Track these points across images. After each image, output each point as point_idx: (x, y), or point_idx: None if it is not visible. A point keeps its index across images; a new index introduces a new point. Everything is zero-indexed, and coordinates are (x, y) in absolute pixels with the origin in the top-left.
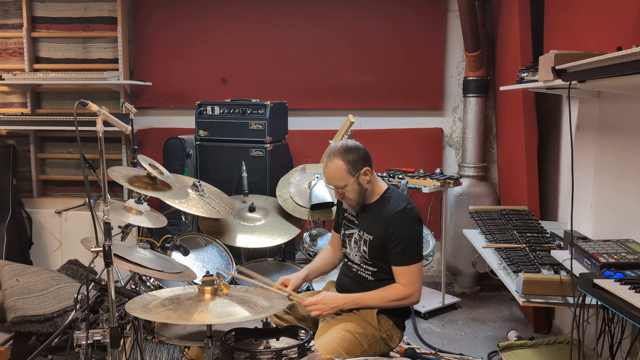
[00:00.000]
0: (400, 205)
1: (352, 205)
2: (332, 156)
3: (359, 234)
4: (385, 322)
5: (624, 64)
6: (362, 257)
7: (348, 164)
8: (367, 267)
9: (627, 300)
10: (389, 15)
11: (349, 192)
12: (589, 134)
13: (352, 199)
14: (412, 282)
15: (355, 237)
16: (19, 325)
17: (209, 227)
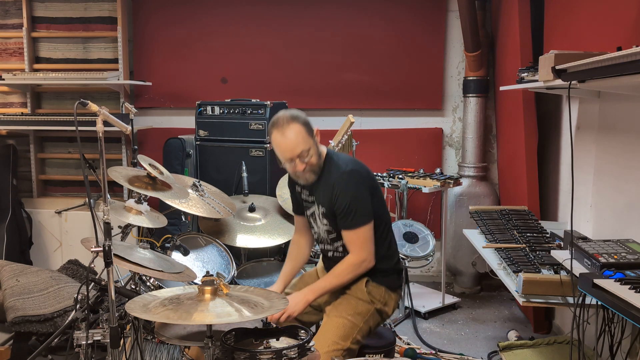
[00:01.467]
0: (340, 169)
1: (314, 172)
2: (285, 125)
3: (317, 208)
4: (376, 290)
5: (624, 64)
6: (327, 231)
7: (305, 126)
8: (335, 243)
9: (627, 300)
10: (389, 15)
11: (312, 156)
12: (589, 134)
13: (315, 164)
14: (362, 246)
15: (316, 214)
16: (19, 325)
17: (209, 227)
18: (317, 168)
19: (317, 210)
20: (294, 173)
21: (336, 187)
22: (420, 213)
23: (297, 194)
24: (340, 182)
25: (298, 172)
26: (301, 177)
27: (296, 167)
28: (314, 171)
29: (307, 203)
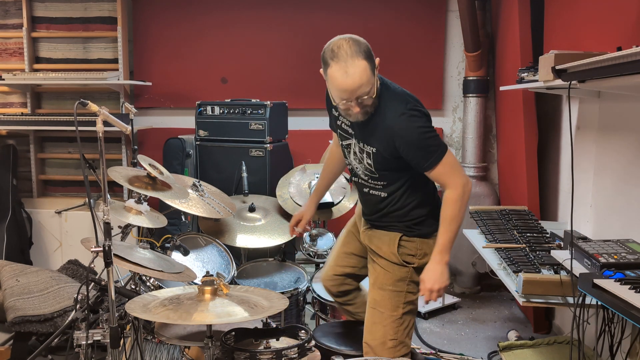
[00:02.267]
0: (396, 111)
1: (367, 113)
2: (349, 60)
3: (359, 146)
4: (410, 246)
5: (624, 64)
6: (367, 170)
7: (369, 62)
8: (376, 183)
9: (627, 300)
10: (388, 15)
11: (371, 97)
12: (589, 134)
13: (370, 105)
14: (454, 174)
15: (355, 149)
16: (19, 325)
17: (209, 227)
18: (370, 109)
19: (356, 147)
20: (345, 111)
21: (398, 134)
22: None
23: (334, 117)
24: (402, 128)
25: (351, 112)
26: (352, 116)
27: (351, 109)
28: (367, 112)
29: (345, 133)
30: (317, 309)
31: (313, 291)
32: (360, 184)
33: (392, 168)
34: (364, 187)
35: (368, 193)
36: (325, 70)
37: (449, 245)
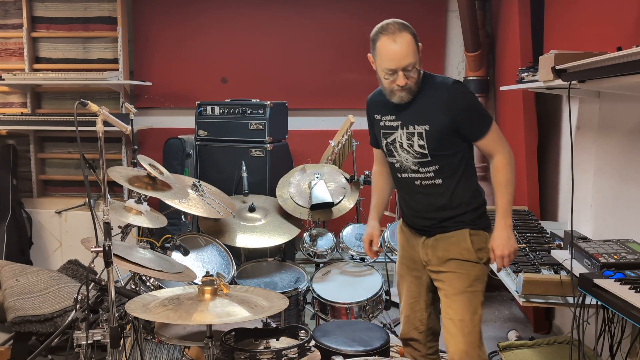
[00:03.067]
0: (446, 82)
1: (411, 91)
2: (397, 31)
3: (407, 131)
4: (478, 240)
5: (624, 64)
6: (419, 155)
7: (414, 37)
8: (428, 169)
9: (627, 300)
10: (389, 15)
11: (416, 72)
12: (589, 134)
13: (414, 83)
14: (502, 141)
15: (402, 139)
16: (19, 325)
17: (209, 227)
18: (415, 87)
19: (403, 136)
20: (391, 89)
21: (454, 101)
22: None
23: (376, 122)
24: (456, 94)
25: (396, 87)
26: (396, 95)
27: (397, 81)
28: (411, 90)
29: (389, 130)
30: (317, 309)
31: (313, 291)
32: (410, 180)
33: (445, 146)
34: (414, 181)
35: (421, 186)
36: (374, 47)
37: (509, 209)
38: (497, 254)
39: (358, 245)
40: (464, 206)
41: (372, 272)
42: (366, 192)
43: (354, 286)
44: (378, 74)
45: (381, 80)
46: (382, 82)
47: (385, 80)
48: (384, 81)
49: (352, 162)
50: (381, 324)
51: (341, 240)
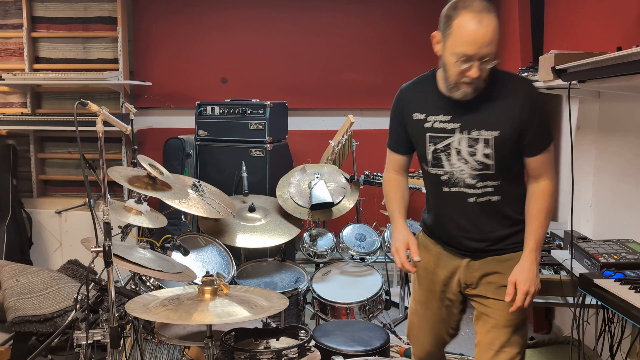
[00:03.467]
0: (522, 81)
1: (478, 86)
2: (483, 12)
3: (469, 137)
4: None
5: (624, 64)
6: (481, 166)
7: (497, 24)
8: (487, 183)
9: (627, 300)
10: (389, 15)
11: (492, 64)
12: (589, 134)
13: (485, 77)
14: (552, 167)
15: (460, 145)
16: (19, 325)
17: (209, 227)
18: (482, 83)
19: (462, 142)
20: (457, 81)
21: (532, 105)
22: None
23: (415, 122)
24: (534, 97)
25: (466, 79)
26: (461, 89)
27: (470, 71)
28: (478, 86)
29: (441, 134)
30: (317, 309)
31: (313, 291)
32: (461, 196)
33: (513, 157)
34: (467, 197)
35: (475, 203)
36: (448, 24)
37: (542, 242)
38: (522, 289)
39: (358, 245)
40: (519, 225)
41: (372, 272)
42: (366, 192)
43: (354, 286)
44: (444, 59)
45: (446, 68)
46: (448, 70)
47: (453, 69)
48: (452, 69)
49: (352, 162)
50: (381, 324)
51: (341, 240)
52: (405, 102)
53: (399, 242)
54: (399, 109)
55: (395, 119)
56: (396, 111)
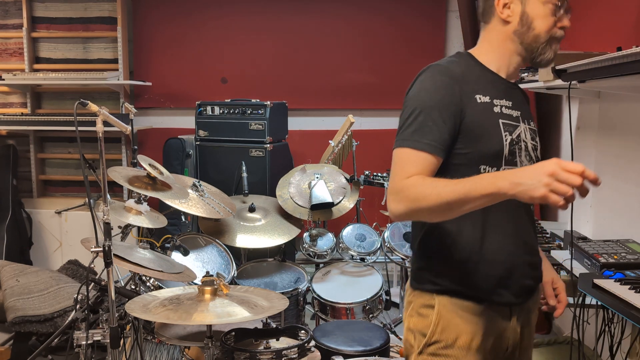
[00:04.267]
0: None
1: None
2: None
3: (530, 127)
4: None
5: (624, 64)
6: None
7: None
8: None
9: (627, 300)
10: (389, 15)
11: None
12: (589, 134)
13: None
14: None
15: (526, 136)
16: (19, 325)
17: (209, 227)
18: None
19: (527, 132)
20: (548, 36)
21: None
22: None
23: (479, 106)
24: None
25: (558, 32)
26: (553, 47)
27: (562, 20)
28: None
29: (510, 121)
30: (317, 309)
31: (313, 291)
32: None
33: None
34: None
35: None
36: None
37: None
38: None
39: (358, 245)
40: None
41: (372, 272)
42: (366, 192)
43: (354, 286)
44: (529, 15)
45: (533, 25)
46: (538, 26)
47: (544, 22)
48: (543, 23)
49: (352, 162)
50: (381, 324)
51: (341, 240)
52: (463, 80)
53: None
54: (452, 90)
55: (444, 104)
56: (448, 92)
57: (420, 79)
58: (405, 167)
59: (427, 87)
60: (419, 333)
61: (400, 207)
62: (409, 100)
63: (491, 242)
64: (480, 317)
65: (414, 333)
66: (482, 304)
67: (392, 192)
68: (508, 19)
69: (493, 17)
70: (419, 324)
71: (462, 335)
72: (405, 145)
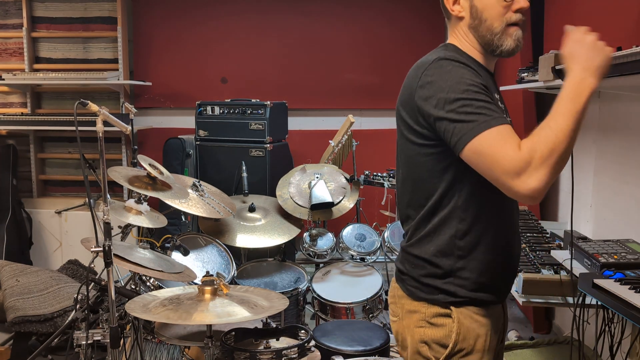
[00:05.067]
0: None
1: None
2: None
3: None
4: None
5: (624, 64)
6: None
7: None
8: None
9: (627, 300)
10: (389, 15)
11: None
12: (589, 134)
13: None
14: None
15: None
16: (19, 325)
17: (209, 227)
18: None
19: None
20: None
21: None
22: None
23: (496, 103)
24: None
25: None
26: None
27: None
28: (523, 32)
29: (507, 116)
30: (317, 309)
31: (313, 291)
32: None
33: None
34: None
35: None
36: None
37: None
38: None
39: (358, 245)
40: None
41: (372, 272)
42: (366, 192)
43: (354, 286)
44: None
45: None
46: (489, 13)
47: (495, 9)
48: (494, 10)
49: (352, 162)
50: (381, 323)
51: (341, 240)
52: (479, 75)
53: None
54: (479, 78)
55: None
56: (479, 80)
57: (442, 71)
58: (506, 142)
59: (457, 78)
60: (437, 344)
61: (541, 173)
62: (445, 96)
63: (512, 243)
64: (490, 318)
65: (429, 344)
66: (495, 305)
67: (519, 169)
68: (460, 14)
69: (450, 16)
70: (434, 335)
71: (479, 339)
72: (484, 129)
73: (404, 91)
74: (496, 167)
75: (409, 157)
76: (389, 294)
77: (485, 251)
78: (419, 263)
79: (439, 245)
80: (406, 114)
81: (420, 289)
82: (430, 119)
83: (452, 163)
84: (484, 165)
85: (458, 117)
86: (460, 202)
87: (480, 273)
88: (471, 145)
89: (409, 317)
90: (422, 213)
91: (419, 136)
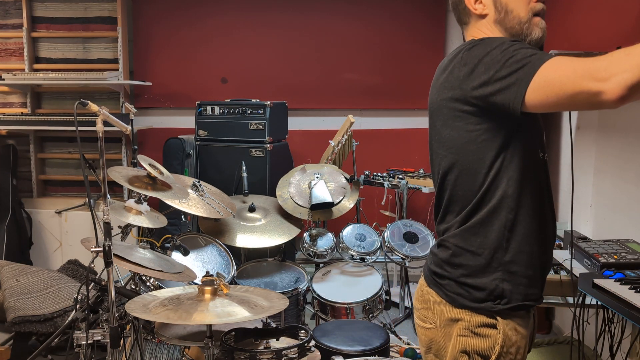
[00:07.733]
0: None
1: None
2: None
3: None
4: None
5: None
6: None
7: None
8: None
9: (627, 300)
10: (389, 15)
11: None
12: (589, 134)
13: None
14: None
15: None
16: (19, 325)
17: (209, 227)
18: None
19: None
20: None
21: None
22: (420, 213)
23: None
24: None
25: (537, 6)
26: (538, 25)
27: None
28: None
29: None
30: (317, 309)
31: (313, 291)
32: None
33: None
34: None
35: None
36: None
37: None
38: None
39: (358, 245)
40: None
41: (372, 272)
42: (366, 192)
43: (354, 286)
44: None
45: (511, 6)
46: (514, 3)
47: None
48: (521, 2)
49: (352, 162)
50: (381, 323)
51: (341, 240)
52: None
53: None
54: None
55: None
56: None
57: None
58: (572, 60)
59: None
60: (478, 355)
61: (626, 75)
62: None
63: (550, 235)
64: (527, 327)
65: (470, 355)
66: (530, 311)
67: (602, 69)
68: (483, 12)
69: (470, 17)
70: (478, 345)
71: (519, 351)
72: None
73: (444, 83)
74: (574, 78)
75: (457, 149)
76: (418, 298)
77: (532, 243)
78: (461, 260)
79: (488, 237)
80: (452, 99)
81: (463, 295)
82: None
83: (502, 146)
84: (557, 86)
85: (510, 69)
86: (510, 191)
87: (527, 266)
88: (535, 81)
89: (450, 326)
90: (469, 206)
91: (470, 118)
